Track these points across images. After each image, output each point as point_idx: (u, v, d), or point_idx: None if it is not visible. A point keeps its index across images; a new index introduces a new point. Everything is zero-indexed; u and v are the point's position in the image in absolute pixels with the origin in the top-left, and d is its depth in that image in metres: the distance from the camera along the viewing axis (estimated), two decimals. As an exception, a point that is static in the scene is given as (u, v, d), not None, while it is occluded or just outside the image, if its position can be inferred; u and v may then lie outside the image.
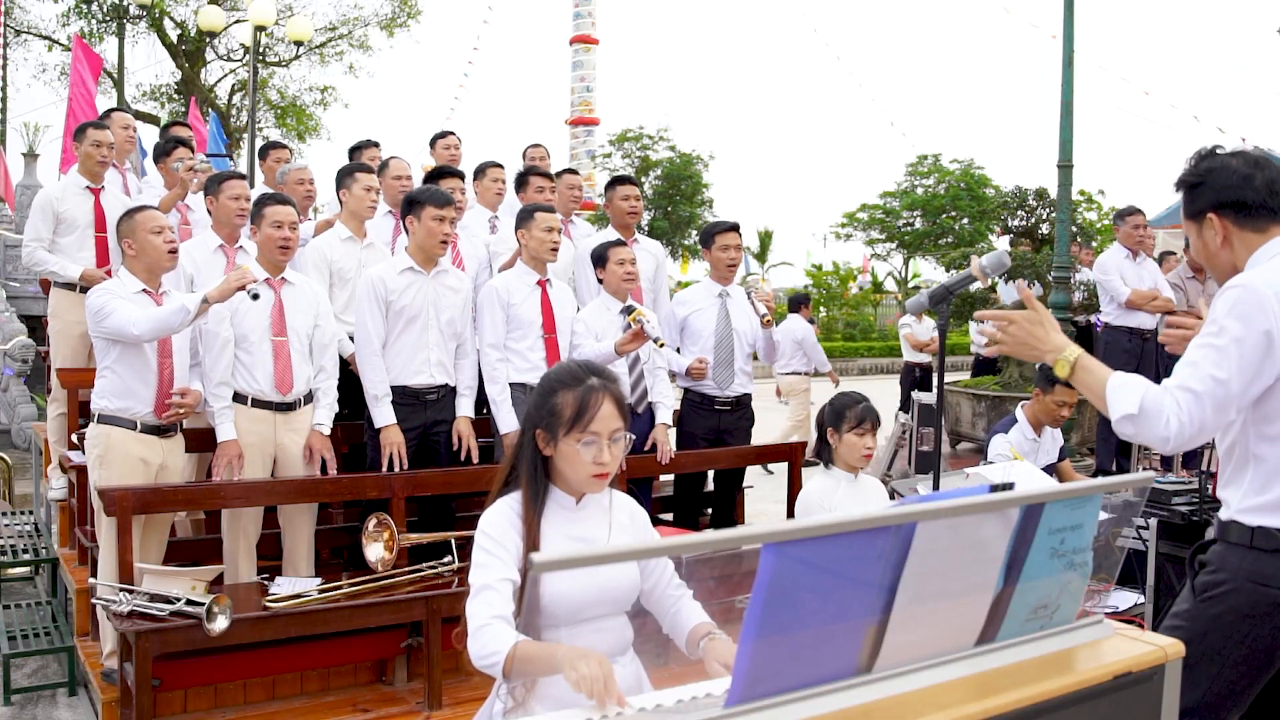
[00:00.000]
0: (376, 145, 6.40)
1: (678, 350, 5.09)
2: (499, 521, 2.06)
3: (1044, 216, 10.05)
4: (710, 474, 5.36)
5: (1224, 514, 2.37)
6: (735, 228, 5.11)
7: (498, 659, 1.89)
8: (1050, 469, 4.68)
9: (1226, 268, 2.37)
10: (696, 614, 2.14)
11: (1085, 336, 8.26)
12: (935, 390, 3.26)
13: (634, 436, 2.22)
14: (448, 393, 4.40)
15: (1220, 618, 2.30)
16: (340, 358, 4.42)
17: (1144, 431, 2.17)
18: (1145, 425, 2.16)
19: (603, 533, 2.15)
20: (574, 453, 2.03)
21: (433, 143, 6.79)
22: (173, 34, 21.94)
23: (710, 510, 5.38)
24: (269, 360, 4.06)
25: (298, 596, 3.69)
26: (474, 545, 2.06)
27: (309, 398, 4.21)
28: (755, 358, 5.18)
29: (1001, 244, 12.16)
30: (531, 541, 2.04)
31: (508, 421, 4.39)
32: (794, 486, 5.04)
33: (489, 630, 1.92)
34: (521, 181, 5.86)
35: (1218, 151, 2.36)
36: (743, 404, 5.07)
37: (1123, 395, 2.19)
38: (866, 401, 3.54)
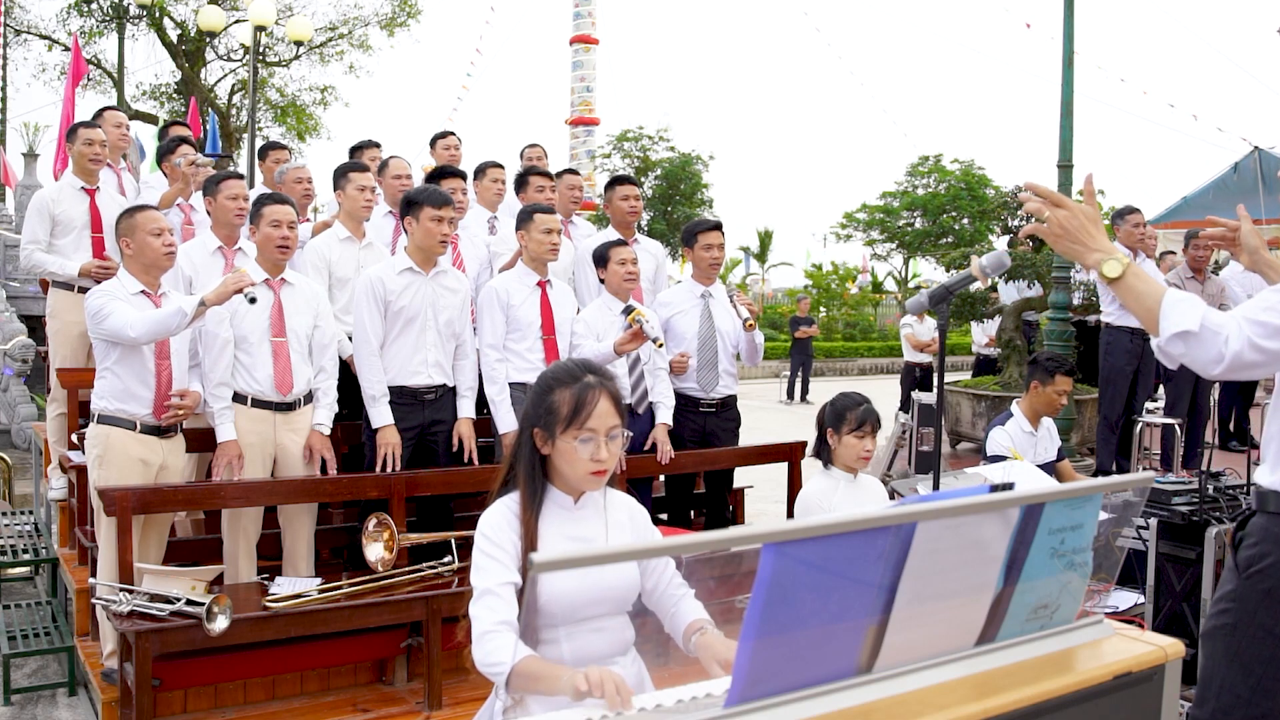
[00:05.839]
0: (377, 145, 6.39)
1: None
2: (497, 522, 2.06)
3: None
4: (699, 476, 5.32)
5: (1263, 483, 2.22)
6: (718, 226, 5.01)
7: (502, 670, 1.89)
8: (1049, 468, 4.68)
9: None
10: (693, 611, 2.14)
11: (1091, 336, 8.24)
12: (935, 390, 3.25)
13: (631, 434, 2.21)
14: (446, 393, 4.40)
15: (1271, 593, 2.15)
16: (340, 358, 4.42)
17: (1196, 352, 2.02)
18: (1200, 345, 2.01)
19: (601, 532, 2.14)
20: (571, 450, 2.03)
21: (432, 143, 6.79)
22: (173, 34, 21.95)
23: (705, 511, 5.36)
24: (268, 360, 4.06)
25: (298, 596, 3.69)
26: (474, 547, 2.06)
27: (309, 398, 4.21)
28: (737, 358, 5.10)
29: (1001, 244, 12.15)
30: (530, 541, 2.03)
31: (507, 421, 4.39)
32: (794, 486, 5.03)
33: (495, 638, 1.92)
34: (522, 182, 5.85)
35: None
36: (728, 405, 5.00)
37: (1182, 311, 2.03)
38: (868, 403, 3.54)
